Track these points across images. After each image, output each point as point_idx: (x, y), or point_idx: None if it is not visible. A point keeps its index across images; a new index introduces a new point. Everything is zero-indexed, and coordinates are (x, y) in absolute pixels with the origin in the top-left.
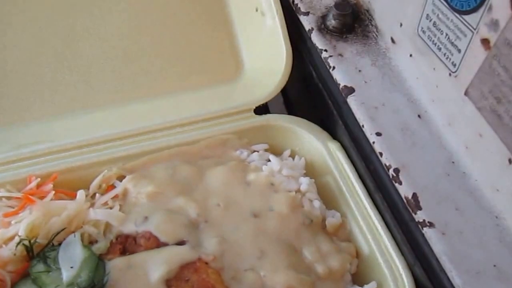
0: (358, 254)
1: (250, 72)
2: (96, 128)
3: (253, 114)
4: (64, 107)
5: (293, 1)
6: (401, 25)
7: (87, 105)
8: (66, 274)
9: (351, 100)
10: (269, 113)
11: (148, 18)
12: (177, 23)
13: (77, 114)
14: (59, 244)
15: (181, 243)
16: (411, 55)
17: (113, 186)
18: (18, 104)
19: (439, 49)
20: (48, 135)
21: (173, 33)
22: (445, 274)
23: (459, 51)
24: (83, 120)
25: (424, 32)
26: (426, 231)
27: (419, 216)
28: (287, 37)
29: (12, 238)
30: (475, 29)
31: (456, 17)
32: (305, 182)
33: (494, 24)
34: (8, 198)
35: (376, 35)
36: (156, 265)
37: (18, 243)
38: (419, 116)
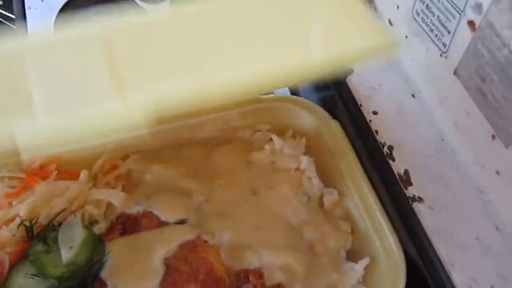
0: (353, 231)
1: None
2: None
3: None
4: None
5: None
6: (397, 7)
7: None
8: (65, 255)
9: (350, 80)
10: (272, 93)
11: None
12: None
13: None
14: (59, 225)
15: (181, 222)
16: (406, 37)
17: (116, 167)
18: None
19: (431, 30)
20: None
21: None
22: (432, 247)
23: (449, 32)
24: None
25: (418, 14)
26: (416, 205)
27: (410, 192)
28: None
29: (13, 219)
30: (462, 11)
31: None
32: (304, 161)
33: (478, 7)
34: (10, 178)
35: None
36: (155, 245)
37: (19, 224)
38: (413, 95)
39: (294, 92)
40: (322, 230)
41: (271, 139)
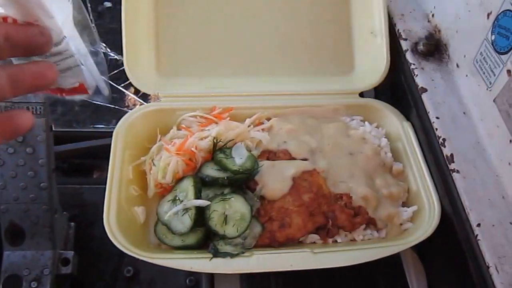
0: (408, 191)
1: (359, 70)
2: (256, 86)
3: (358, 96)
4: (239, 69)
5: (397, 30)
6: (464, 56)
7: (251, 70)
8: (238, 161)
9: (424, 96)
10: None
11: (293, 20)
12: (310, 26)
13: (245, 75)
14: (230, 147)
15: (304, 159)
16: (466, 75)
17: (262, 123)
18: (211, 63)
19: (484, 73)
20: (227, 84)
21: (308, 33)
22: (461, 201)
23: (495, 75)
24: (248, 79)
25: (477, 62)
26: (454, 175)
27: (452, 166)
28: (389, 53)
29: (204, 138)
30: (504, 63)
31: (496, 55)
32: (384, 141)
33: None
34: (201, 116)
35: (447, 60)
36: (289, 167)
37: (213, 139)
38: (464, 113)
39: (379, 98)
40: (388, 183)
41: (363, 125)
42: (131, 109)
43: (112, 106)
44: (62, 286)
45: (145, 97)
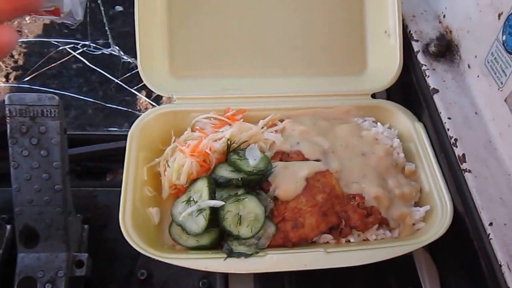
0: (421, 191)
1: (371, 71)
2: (269, 88)
3: (370, 97)
4: (252, 71)
5: (409, 31)
6: (475, 57)
7: (264, 72)
8: (252, 162)
9: (435, 97)
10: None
11: (306, 20)
12: (324, 26)
13: (258, 76)
14: (243, 149)
15: (317, 160)
16: (478, 76)
17: (275, 124)
18: (224, 65)
19: (495, 73)
20: (240, 86)
21: (322, 32)
22: (473, 200)
23: (506, 75)
24: (261, 81)
25: (488, 62)
26: (466, 175)
27: (464, 166)
28: (402, 54)
29: (218, 139)
30: None
31: (507, 55)
32: (396, 141)
33: None
34: (214, 118)
35: (459, 61)
36: (302, 168)
37: (227, 141)
38: (475, 113)
39: (391, 99)
40: (400, 183)
41: (375, 126)
42: (143, 112)
43: (124, 108)
44: None
45: (157, 100)
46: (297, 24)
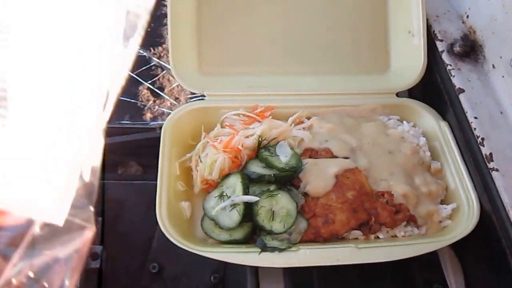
0: (447, 189)
1: (395, 70)
2: (296, 85)
3: (395, 96)
4: (279, 68)
5: (433, 31)
6: (500, 57)
7: (290, 71)
8: (283, 159)
9: (461, 97)
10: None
11: (332, 19)
12: (349, 25)
13: (285, 74)
14: (273, 145)
15: (346, 157)
16: (503, 76)
17: (302, 122)
18: (253, 63)
19: None
20: (267, 84)
21: (347, 31)
22: (500, 199)
23: None
24: (288, 79)
25: None
26: (494, 173)
27: (491, 165)
28: (426, 53)
29: (250, 135)
30: None
31: None
32: (422, 140)
33: None
34: (237, 115)
35: (483, 61)
36: (331, 166)
37: (259, 137)
38: (501, 112)
39: (415, 99)
40: (427, 181)
41: (401, 124)
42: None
43: (133, 101)
44: (90, 280)
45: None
46: (323, 24)
